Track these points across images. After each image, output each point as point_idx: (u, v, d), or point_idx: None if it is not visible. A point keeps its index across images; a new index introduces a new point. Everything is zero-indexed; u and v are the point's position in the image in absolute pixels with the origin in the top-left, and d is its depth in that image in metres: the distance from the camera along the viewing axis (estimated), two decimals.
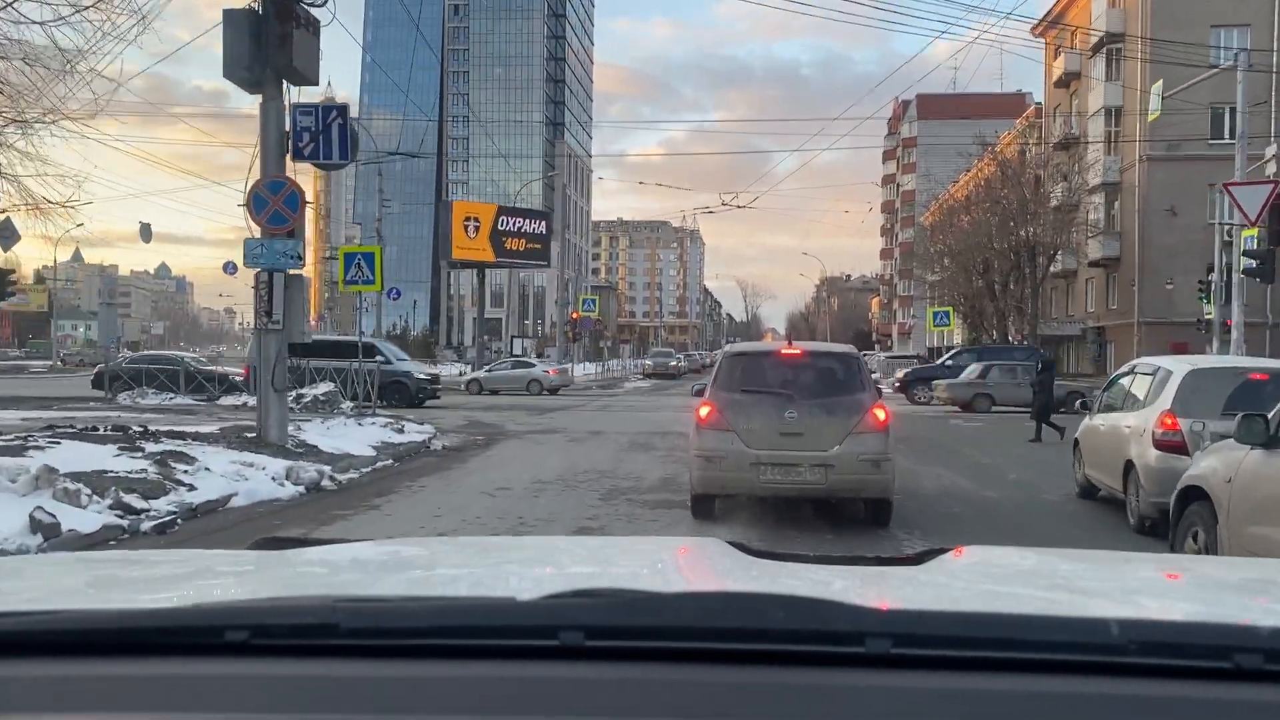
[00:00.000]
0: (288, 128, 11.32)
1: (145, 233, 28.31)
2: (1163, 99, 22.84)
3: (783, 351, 9.00)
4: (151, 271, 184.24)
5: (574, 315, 45.47)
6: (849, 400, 8.34)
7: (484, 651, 1.01)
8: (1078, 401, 22.56)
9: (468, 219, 46.33)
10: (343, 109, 11.31)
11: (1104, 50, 43.38)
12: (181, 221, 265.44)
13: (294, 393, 20.91)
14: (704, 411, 8.58)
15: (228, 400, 24.18)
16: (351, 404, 19.77)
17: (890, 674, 0.97)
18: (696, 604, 1.09)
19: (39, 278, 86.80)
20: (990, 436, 17.97)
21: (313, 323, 62.09)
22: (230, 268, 48.07)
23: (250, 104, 11.42)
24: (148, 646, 1.03)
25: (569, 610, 1.05)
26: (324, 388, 20.98)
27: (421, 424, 17.38)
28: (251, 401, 16.39)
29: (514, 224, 47.69)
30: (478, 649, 1.01)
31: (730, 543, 1.72)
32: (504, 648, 1.01)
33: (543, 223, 49.29)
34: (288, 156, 11.38)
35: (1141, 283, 40.40)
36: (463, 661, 1.00)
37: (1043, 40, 53.15)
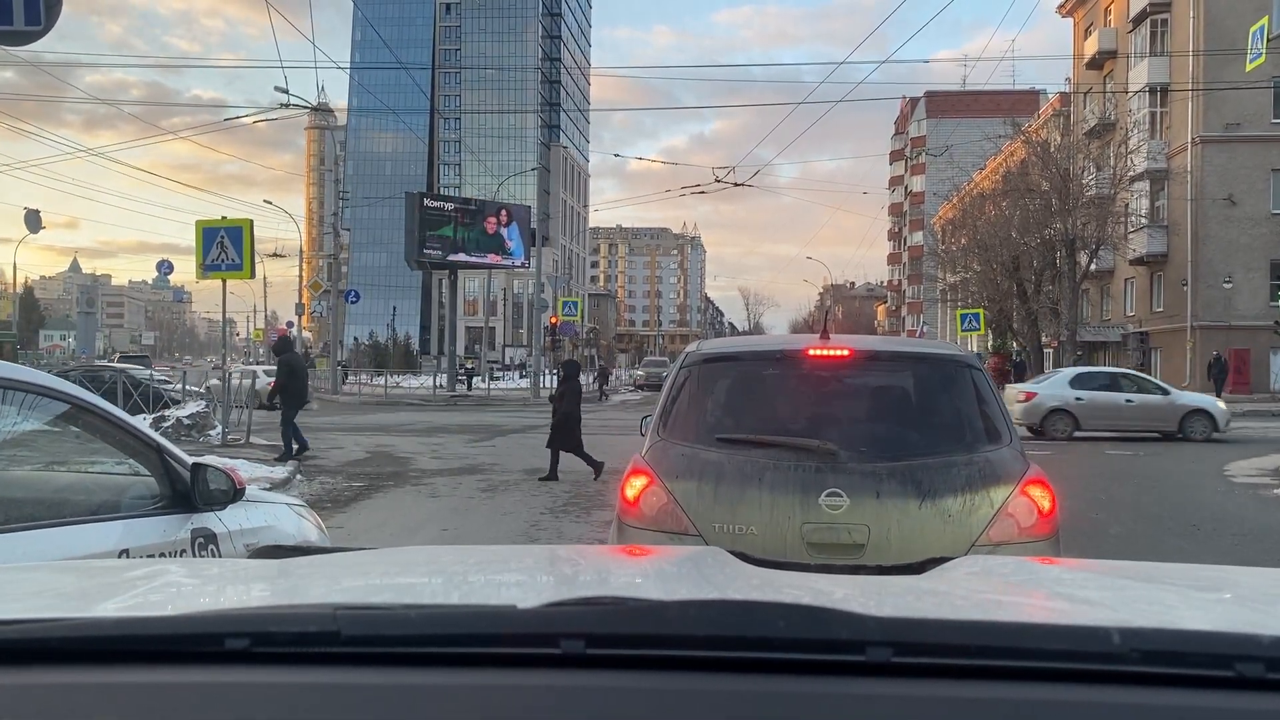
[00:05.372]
0: None
1: (32, 221, 23.66)
2: (1268, 41, 17.92)
3: (812, 353, 4.12)
4: (149, 282, 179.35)
5: (553, 320, 40.71)
6: (969, 464, 3.76)
7: (485, 659, 1.00)
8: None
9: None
10: None
11: (1146, 21, 38.58)
12: (182, 232, 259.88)
13: (152, 415, 16.24)
14: (633, 489, 3.93)
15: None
16: (218, 431, 15.00)
17: (891, 682, 0.97)
18: (698, 612, 1.06)
19: (28, 288, 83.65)
20: (1141, 486, 12.91)
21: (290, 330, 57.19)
22: (165, 267, 43.42)
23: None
24: (148, 654, 1.02)
25: (570, 618, 1.04)
26: (191, 408, 16.20)
27: (293, 462, 12.64)
28: None
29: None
30: (479, 656, 1.00)
31: (732, 552, 1.66)
32: (505, 655, 1.00)
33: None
34: None
35: (1195, 281, 35.56)
36: (464, 669, 0.99)
37: (1070, 20, 48.97)
